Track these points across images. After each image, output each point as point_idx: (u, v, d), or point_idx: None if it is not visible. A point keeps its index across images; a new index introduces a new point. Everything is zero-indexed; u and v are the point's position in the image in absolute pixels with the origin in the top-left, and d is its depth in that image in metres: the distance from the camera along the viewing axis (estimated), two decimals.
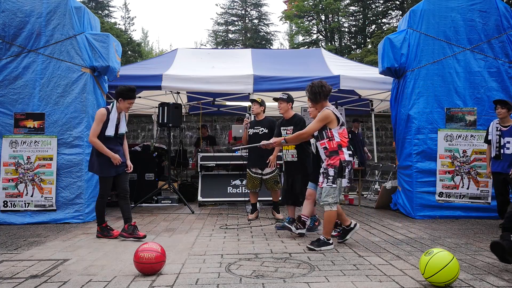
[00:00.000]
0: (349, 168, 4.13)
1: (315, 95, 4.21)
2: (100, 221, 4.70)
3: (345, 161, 4.10)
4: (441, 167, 6.11)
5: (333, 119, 4.13)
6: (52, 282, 3.03)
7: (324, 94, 4.22)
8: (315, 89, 4.21)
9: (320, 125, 4.16)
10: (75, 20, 5.94)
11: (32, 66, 5.85)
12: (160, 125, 7.12)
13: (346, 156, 4.11)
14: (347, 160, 4.11)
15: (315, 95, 4.22)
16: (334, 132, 4.14)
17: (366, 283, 2.98)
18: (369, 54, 18.71)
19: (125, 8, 31.46)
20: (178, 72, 7.55)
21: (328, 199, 4.08)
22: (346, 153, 4.12)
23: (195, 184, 8.54)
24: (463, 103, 6.18)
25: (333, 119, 4.13)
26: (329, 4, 21.69)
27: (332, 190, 4.08)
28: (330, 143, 4.14)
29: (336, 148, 4.12)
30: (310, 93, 4.25)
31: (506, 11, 6.24)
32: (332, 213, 4.12)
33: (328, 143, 4.15)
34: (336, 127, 4.15)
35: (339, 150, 4.11)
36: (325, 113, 4.15)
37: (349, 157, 4.14)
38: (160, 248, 3.26)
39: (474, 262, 3.56)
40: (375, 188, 9.46)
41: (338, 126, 4.15)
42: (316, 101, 4.25)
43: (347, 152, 4.13)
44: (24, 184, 5.72)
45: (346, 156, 4.11)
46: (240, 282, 2.99)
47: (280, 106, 5.42)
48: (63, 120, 5.84)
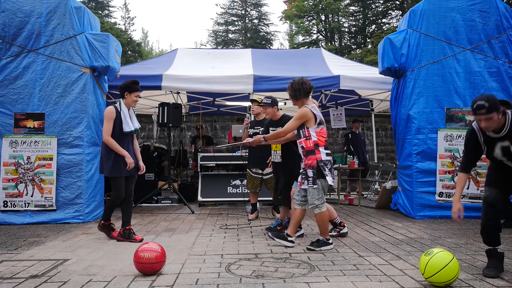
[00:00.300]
0: (328, 166, 4.06)
1: (295, 91, 4.16)
2: (105, 217, 4.64)
3: (322, 160, 4.04)
4: (441, 167, 6.11)
5: (311, 118, 4.07)
6: (52, 282, 3.03)
7: (304, 91, 4.15)
8: (295, 86, 4.16)
9: (297, 123, 4.11)
10: (75, 20, 5.94)
11: (32, 66, 5.85)
12: (160, 125, 7.12)
13: (323, 156, 4.05)
14: (324, 160, 4.05)
15: (295, 92, 4.16)
16: (311, 131, 4.08)
17: (366, 283, 2.98)
18: (369, 54, 18.71)
19: (125, 8, 31.49)
20: (178, 72, 7.55)
21: (314, 201, 4.05)
22: (323, 152, 4.06)
23: (195, 184, 8.54)
24: (463, 103, 6.18)
25: (310, 117, 4.07)
26: (329, 4, 21.68)
27: (316, 192, 4.04)
28: (307, 142, 4.09)
29: (312, 148, 4.06)
30: (290, 90, 4.19)
31: (506, 11, 6.24)
32: (322, 214, 4.09)
33: (305, 142, 4.10)
34: (313, 126, 4.08)
35: (315, 150, 4.05)
36: (303, 111, 4.10)
37: (327, 156, 4.08)
38: (160, 248, 3.26)
39: (474, 262, 3.56)
40: (375, 188, 9.46)
41: (316, 125, 4.09)
42: (296, 98, 4.18)
43: (324, 151, 4.07)
44: (24, 184, 5.72)
45: (323, 156, 4.05)
46: (240, 282, 2.99)
47: (266, 111, 5.26)
48: (63, 120, 5.84)
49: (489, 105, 2.94)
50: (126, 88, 4.54)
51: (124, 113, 4.51)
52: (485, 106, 2.94)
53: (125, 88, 4.54)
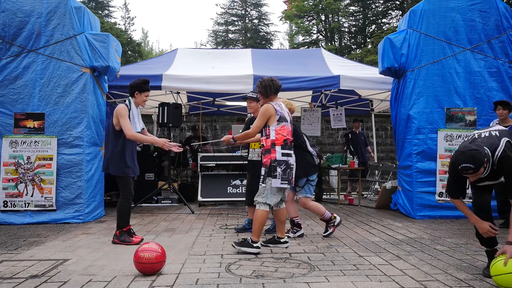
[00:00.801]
0: (282, 167, 3.89)
1: (265, 88, 4.07)
2: (121, 224, 4.36)
3: (276, 160, 3.89)
4: (441, 167, 6.11)
5: (273, 114, 3.96)
6: (52, 282, 3.03)
7: (275, 87, 4.06)
8: (265, 83, 4.09)
9: (261, 120, 3.98)
10: (75, 20, 5.94)
11: (32, 66, 5.85)
12: (160, 125, 7.13)
13: (278, 155, 3.89)
14: (279, 160, 3.89)
15: (266, 88, 4.07)
16: (271, 129, 3.96)
17: (366, 283, 2.98)
18: (369, 54, 18.72)
19: (125, 8, 31.54)
20: (178, 72, 7.54)
21: (258, 198, 3.95)
22: (278, 152, 3.90)
23: (195, 184, 8.54)
24: (463, 103, 6.18)
25: (272, 113, 3.96)
26: (329, 4, 21.70)
27: (262, 190, 3.93)
28: (266, 141, 3.99)
29: (269, 147, 3.94)
30: (261, 87, 4.11)
31: (506, 11, 6.24)
32: (259, 213, 3.90)
33: (264, 140, 4.01)
34: (273, 124, 3.96)
35: (271, 149, 3.92)
36: (265, 107, 3.99)
37: (283, 157, 3.90)
38: (160, 248, 3.26)
39: (474, 262, 3.56)
40: (375, 188, 9.46)
41: (276, 123, 3.96)
42: (266, 94, 4.09)
43: (280, 151, 3.90)
44: (24, 184, 5.72)
45: (278, 155, 3.89)
46: (240, 282, 2.99)
47: (250, 105, 4.87)
48: (63, 120, 5.83)
49: (475, 166, 2.85)
50: (137, 87, 4.47)
51: (133, 113, 4.44)
52: (471, 168, 2.85)
53: (136, 87, 4.47)
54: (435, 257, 3.71)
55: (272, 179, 3.89)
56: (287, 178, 3.93)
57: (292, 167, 4.01)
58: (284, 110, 4.08)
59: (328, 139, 12.68)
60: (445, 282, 2.97)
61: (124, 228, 4.39)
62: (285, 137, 3.98)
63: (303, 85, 7.19)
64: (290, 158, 3.98)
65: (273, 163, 3.89)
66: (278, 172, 3.88)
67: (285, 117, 4.05)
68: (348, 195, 8.79)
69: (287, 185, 3.97)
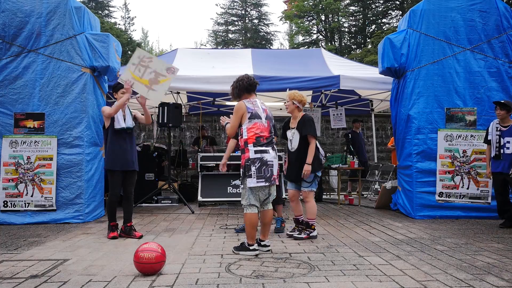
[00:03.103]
0: (256, 165, 3.76)
1: (233, 90, 4.06)
2: (109, 219, 4.74)
3: (249, 159, 3.79)
4: (441, 167, 6.11)
5: (244, 111, 3.85)
6: (52, 282, 3.03)
7: (244, 86, 4.00)
8: (233, 85, 4.07)
9: (235, 118, 3.89)
10: (75, 20, 5.94)
11: (32, 66, 5.85)
12: (160, 125, 7.12)
13: (251, 154, 3.78)
14: (252, 158, 3.78)
15: (233, 91, 4.06)
16: (243, 128, 3.87)
17: (366, 283, 2.98)
18: (369, 54, 18.71)
19: (125, 8, 31.44)
20: (178, 72, 7.52)
21: (242, 201, 3.87)
22: (251, 150, 3.79)
23: (195, 184, 8.54)
24: (463, 103, 6.18)
25: (244, 111, 3.85)
26: (329, 4, 21.68)
27: (243, 192, 3.85)
28: (241, 140, 3.89)
29: (243, 146, 3.84)
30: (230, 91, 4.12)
31: (506, 11, 6.24)
32: (247, 216, 3.81)
33: (240, 140, 3.91)
34: (245, 122, 3.85)
35: (245, 148, 3.82)
36: (236, 106, 3.90)
37: (256, 154, 3.78)
38: (160, 248, 3.26)
39: (474, 262, 3.56)
40: (375, 188, 9.47)
41: (248, 121, 3.84)
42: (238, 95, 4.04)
43: (253, 148, 3.79)
44: (24, 184, 5.72)
45: (251, 154, 3.78)
46: (240, 282, 2.99)
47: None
48: (63, 120, 5.84)
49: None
50: (113, 89, 4.84)
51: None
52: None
53: (112, 88, 4.85)
54: (435, 257, 3.71)
55: (247, 178, 3.78)
56: (263, 175, 3.77)
57: (269, 163, 3.82)
58: (258, 107, 3.94)
59: (328, 139, 12.68)
60: (445, 282, 2.97)
61: (111, 222, 4.72)
62: (257, 134, 3.83)
63: (303, 85, 7.17)
64: (265, 155, 3.81)
65: (247, 162, 3.80)
66: (252, 171, 3.75)
67: (259, 114, 3.89)
68: (348, 195, 8.79)
69: (265, 183, 3.78)
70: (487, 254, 3.80)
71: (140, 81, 4.86)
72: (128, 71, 4.81)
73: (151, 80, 4.89)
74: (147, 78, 4.87)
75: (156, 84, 4.90)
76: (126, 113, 4.76)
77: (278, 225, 5.04)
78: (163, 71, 4.94)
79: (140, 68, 4.85)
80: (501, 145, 5.36)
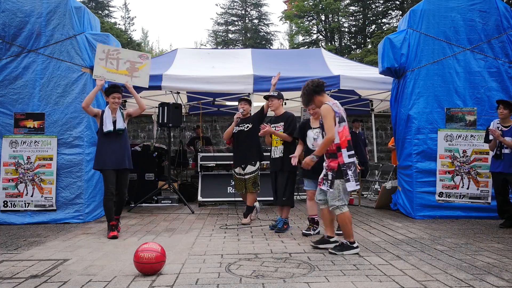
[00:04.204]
0: (351, 169, 3.88)
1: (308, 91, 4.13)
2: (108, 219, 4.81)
3: (344, 164, 3.88)
4: (441, 167, 6.11)
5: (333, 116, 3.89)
6: (52, 282, 3.03)
7: (318, 86, 4.09)
8: (307, 88, 4.13)
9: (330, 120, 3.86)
10: (75, 20, 5.94)
11: (32, 66, 5.85)
12: (160, 125, 7.12)
13: (345, 159, 3.88)
14: (347, 163, 3.88)
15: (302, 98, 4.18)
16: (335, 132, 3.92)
17: (366, 283, 2.98)
18: (369, 54, 18.71)
19: (125, 8, 31.42)
20: (178, 72, 7.54)
21: (334, 202, 3.92)
22: (345, 154, 3.89)
23: (195, 184, 8.53)
24: (463, 103, 6.18)
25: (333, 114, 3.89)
26: (329, 4, 21.69)
27: (336, 193, 3.91)
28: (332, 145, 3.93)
29: (335, 151, 3.90)
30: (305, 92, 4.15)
31: (506, 11, 6.24)
32: (343, 216, 3.91)
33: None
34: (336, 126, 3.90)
35: (338, 153, 3.89)
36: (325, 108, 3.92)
37: (349, 158, 3.89)
38: (160, 248, 3.26)
39: (474, 262, 3.56)
40: (375, 188, 9.46)
41: (338, 125, 3.89)
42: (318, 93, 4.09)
43: (346, 153, 3.89)
44: (24, 184, 5.72)
45: (345, 159, 3.88)
46: (240, 282, 2.99)
47: (272, 103, 5.32)
48: (63, 120, 5.84)
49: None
50: (105, 92, 4.95)
51: (105, 114, 4.83)
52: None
53: (105, 92, 4.95)
54: (435, 257, 3.71)
55: (346, 182, 3.87)
56: (356, 178, 3.93)
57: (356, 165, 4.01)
58: (342, 110, 4.00)
59: None
60: (445, 282, 2.97)
61: (110, 222, 4.76)
62: (348, 138, 3.93)
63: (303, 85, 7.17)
64: (354, 158, 3.98)
65: (342, 167, 3.88)
66: (349, 175, 3.87)
67: (344, 118, 3.97)
68: None
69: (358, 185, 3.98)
70: (487, 254, 3.80)
71: (118, 72, 5.27)
72: (100, 66, 5.17)
73: (128, 69, 5.32)
74: (123, 68, 5.29)
75: (136, 71, 5.33)
76: (117, 116, 4.85)
77: (280, 225, 5.03)
78: (136, 59, 5.37)
79: (112, 61, 5.25)
80: (502, 145, 5.35)
